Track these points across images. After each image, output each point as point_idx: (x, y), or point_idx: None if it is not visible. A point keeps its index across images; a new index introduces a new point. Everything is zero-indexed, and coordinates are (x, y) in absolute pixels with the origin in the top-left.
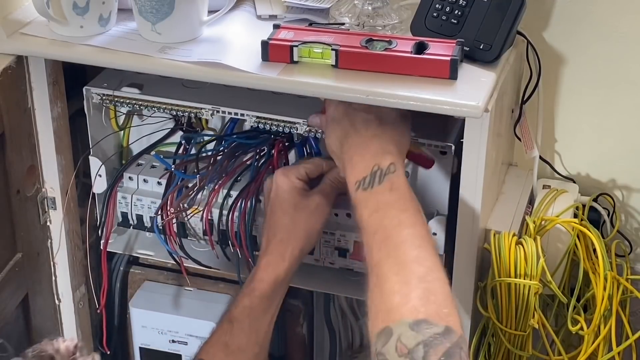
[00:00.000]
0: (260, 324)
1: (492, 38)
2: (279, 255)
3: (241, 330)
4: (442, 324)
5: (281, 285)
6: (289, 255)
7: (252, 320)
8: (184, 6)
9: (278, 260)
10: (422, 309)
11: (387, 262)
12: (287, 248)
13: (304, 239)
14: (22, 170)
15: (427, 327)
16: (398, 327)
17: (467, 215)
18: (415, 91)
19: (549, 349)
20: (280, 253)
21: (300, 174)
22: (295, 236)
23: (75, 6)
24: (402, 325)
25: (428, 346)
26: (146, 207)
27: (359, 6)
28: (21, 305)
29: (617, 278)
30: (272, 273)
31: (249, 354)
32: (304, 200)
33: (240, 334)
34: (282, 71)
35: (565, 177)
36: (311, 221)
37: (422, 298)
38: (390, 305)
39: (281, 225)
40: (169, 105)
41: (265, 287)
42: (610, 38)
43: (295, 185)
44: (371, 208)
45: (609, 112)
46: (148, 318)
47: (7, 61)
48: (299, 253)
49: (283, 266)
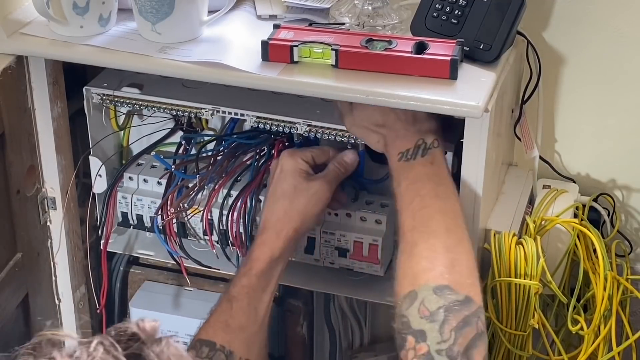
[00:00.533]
0: (259, 303)
1: (492, 38)
2: (274, 234)
3: (240, 309)
4: (464, 292)
5: (277, 263)
6: (284, 234)
7: (251, 299)
8: (184, 6)
9: (273, 238)
10: (447, 276)
11: (419, 230)
12: (283, 227)
13: (300, 221)
14: (22, 170)
15: (449, 293)
16: (422, 290)
17: (467, 215)
18: (415, 91)
19: (549, 349)
20: (275, 231)
21: (306, 156)
22: (291, 217)
23: (75, 6)
24: (426, 289)
25: (448, 311)
26: (146, 207)
27: (359, 6)
28: (21, 305)
29: (617, 278)
30: (268, 251)
31: (248, 332)
32: (305, 183)
33: (239, 312)
34: (282, 71)
35: (565, 177)
36: (309, 205)
37: (448, 266)
38: (417, 269)
39: (280, 205)
40: (169, 105)
41: (261, 265)
42: (610, 38)
43: (299, 167)
44: (410, 179)
45: (609, 112)
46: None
47: (7, 61)
48: (293, 233)
49: (277, 244)
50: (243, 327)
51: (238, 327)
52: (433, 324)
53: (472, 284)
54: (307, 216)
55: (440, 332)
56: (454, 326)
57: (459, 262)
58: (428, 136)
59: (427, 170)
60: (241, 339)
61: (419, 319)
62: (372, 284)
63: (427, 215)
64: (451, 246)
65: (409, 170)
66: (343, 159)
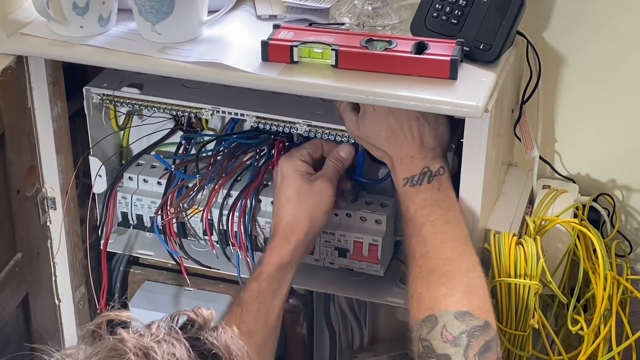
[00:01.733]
0: (270, 308)
1: (492, 38)
2: (284, 239)
3: (250, 314)
4: (483, 318)
5: (287, 268)
6: (295, 238)
7: (261, 304)
8: (184, 6)
9: (283, 243)
10: (466, 302)
11: (433, 256)
12: (293, 231)
13: (309, 223)
14: (22, 170)
15: (470, 319)
16: (443, 316)
17: (467, 215)
18: (415, 91)
19: (549, 349)
20: (285, 236)
21: (303, 155)
22: (299, 220)
23: (75, 6)
24: (448, 314)
25: (471, 336)
26: (146, 207)
27: (359, 6)
28: (21, 305)
29: (617, 278)
30: (278, 256)
31: (258, 337)
32: (307, 184)
33: (249, 317)
34: (282, 71)
35: (565, 177)
36: (315, 205)
37: (466, 292)
38: (436, 295)
39: (287, 210)
40: (169, 105)
41: (271, 270)
42: (610, 38)
43: (299, 169)
44: (418, 203)
45: (609, 112)
46: (148, 318)
47: (7, 61)
48: (304, 237)
49: (288, 249)
50: (253, 332)
51: (247, 332)
52: (458, 349)
53: (489, 309)
54: (315, 217)
55: (465, 357)
56: (476, 351)
57: (476, 288)
58: (434, 164)
59: (435, 196)
60: (251, 344)
61: (443, 344)
62: (372, 284)
63: (439, 241)
64: (467, 272)
65: (416, 194)
66: (339, 153)
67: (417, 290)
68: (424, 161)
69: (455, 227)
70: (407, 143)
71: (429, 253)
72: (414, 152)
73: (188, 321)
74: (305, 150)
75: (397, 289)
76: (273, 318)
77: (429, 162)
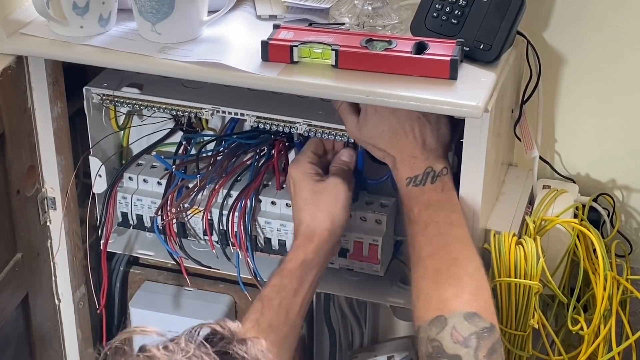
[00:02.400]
0: (291, 304)
1: (492, 38)
2: (306, 239)
3: (271, 308)
4: (489, 320)
5: (310, 265)
6: (317, 237)
7: (282, 299)
8: (184, 6)
9: (306, 242)
10: (474, 304)
11: (439, 257)
12: (314, 231)
13: (329, 221)
14: (22, 170)
15: (478, 321)
16: (453, 317)
17: (468, 215)
18: (415, 91)
19: (549, 349)
20: (307, 236)
21: (309, 157)
22: (319, 220)
23: (75, 6)
24: (457, 315)
25: (479, 338)
26: (146, 207)
27: (359, 6)
28: (21, 305)
29: (617, 278)
30: (301, 254)
31: (278, 333)
32: (320, 183)
33: (269, 311)
34: (282, 71)
35: (565, 177)
36: (331, 200)
37: (474, 294)
38: (445, 296)
39: (305, 212)
40: (169, 105)
41: (293, 266)
42: (610, 38)
43: (308, 172)
44: (422, 204)
45: (609, 112)
46: (148, 318)
47: (7, 61)
48: (327, 235)
49: (311, 247)
50: (273, 327)
51: (267, 326)
52: (468, 350)
53: (494, 312)
54: (334, 213)
55: (476, 358)
56: (485, 353)
57: (482, 290)
58: (437, 164)
59: (438, 197)
60: (271, 340)
61: (453, 344)
62: (372, 284)
63: (444, 242)
64: (473, 274)
65: (419, 194)
66: (341, 159)
67: (423, 290)
68: (427, 161)
69: (459, 228)
70: (409, 143)
71: (435, 254)
72: (416, 152)
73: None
74: (309, 151)
75: (397, 289)
76: (294, 315)
77: (431, 162)
